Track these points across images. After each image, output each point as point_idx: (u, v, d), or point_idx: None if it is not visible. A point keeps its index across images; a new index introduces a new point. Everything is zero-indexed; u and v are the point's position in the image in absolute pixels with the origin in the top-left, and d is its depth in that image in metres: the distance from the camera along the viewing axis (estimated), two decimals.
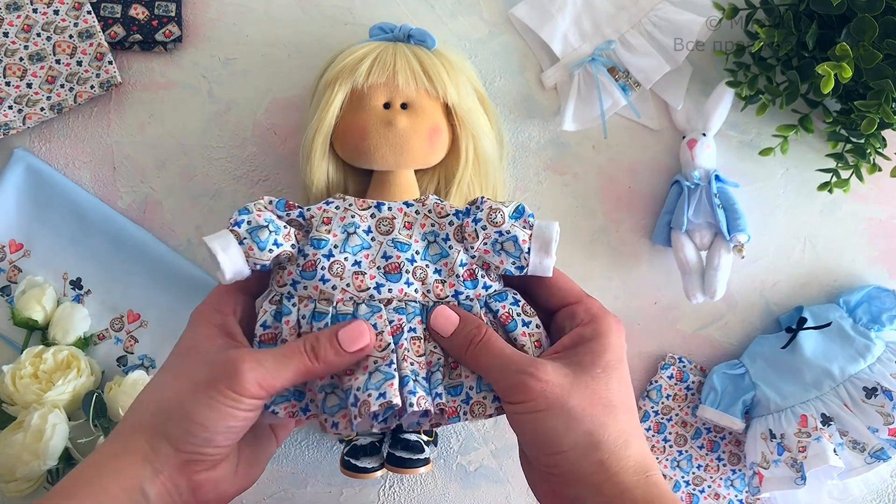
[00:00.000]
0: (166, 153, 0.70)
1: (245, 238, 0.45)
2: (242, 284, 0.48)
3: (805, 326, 0.69)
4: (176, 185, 0.71)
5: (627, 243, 0.72)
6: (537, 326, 0.48)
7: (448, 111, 0.61)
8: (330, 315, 0.46)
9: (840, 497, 0.70)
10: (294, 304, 0.46)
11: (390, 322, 0.45)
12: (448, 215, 0.49)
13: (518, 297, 0.49)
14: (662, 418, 0.72)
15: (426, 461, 0.62)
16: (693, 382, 0.72)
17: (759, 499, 0.71)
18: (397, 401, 0.42)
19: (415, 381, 0.44)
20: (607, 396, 0.42)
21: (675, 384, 0.72)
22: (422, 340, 0.46)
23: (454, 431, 0.72)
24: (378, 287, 0.46)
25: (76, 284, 0.70)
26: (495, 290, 0.48)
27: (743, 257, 0.67)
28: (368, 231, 0.48)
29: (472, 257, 0.47)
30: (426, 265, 0.47)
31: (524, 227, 0.48)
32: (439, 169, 0.64)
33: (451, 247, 0.47)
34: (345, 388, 0.45)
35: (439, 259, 0.47)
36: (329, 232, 0.47)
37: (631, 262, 0.73)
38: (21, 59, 0.66)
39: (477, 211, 0.48)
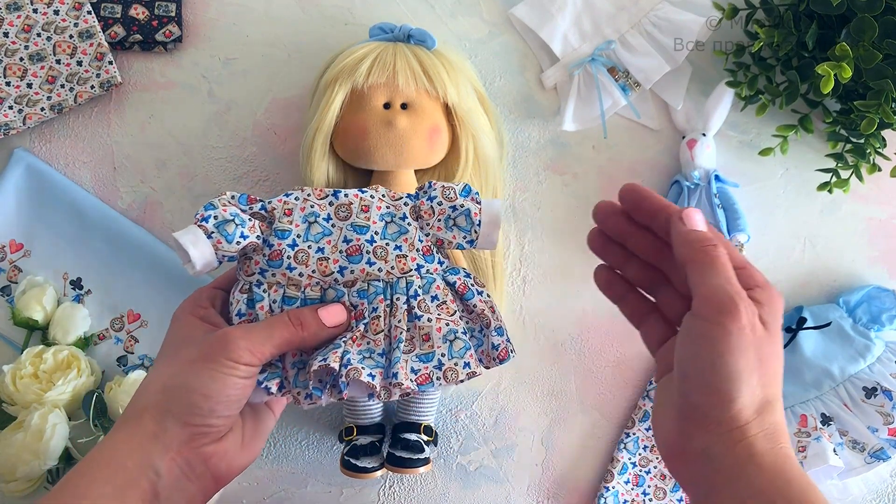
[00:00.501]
0: (166, 153, 0.70)
1: (213, 232, 0.48)
2: (220, 282, 0.52)
3: (805, 326, 0.69)
4: (176, 186, 0.71)
5: None
6: (488, 295, 0.51)
7: (448, 111, 0.61)
8: (299, 300, 0.49)
9: (840, 497, 0.70)
10: (264, 291, 0.49)
11: (354, 307, 0.49)
12: (401, 198, 0.51)
13: (467, 270, 0.52)
14: None
15: (426, 461, 0.62)
16: None
17: None
18: (335, 365, 0.46)
19: (366, 357, 0.47)
20: (771, 362, 0.41)
21: None
22: (381, 319, 0.48)
23: (454, 431, 0.72)
24: (342, 270, 0.49)
25: (76, 284, 0.70)
26: (448, 266, 0.52)
27: None
28: (328, 218, 0.50)
29: (427, 235, 0.51)
30: (386, 244, 0.50)
31: (474, 202, 0.51)
32: (439, 169, 0.64)
33: (409, 224, 0.50)
34: (307, 361, 0.48)
35: (399, 236, 0.50)
36: (291, 223, 0.49)
37: None
38: (21, 59, 0.66)
39: (430, 190, 0.51)
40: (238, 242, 0.48)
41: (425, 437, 0.64)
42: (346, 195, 0.51)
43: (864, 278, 0.73)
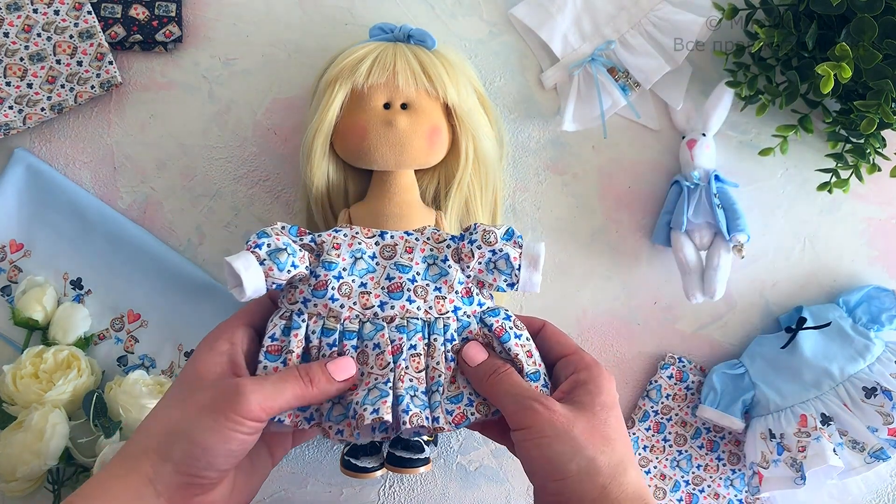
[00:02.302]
0: (167, 153, 0.71)
1: (265, 259, 0.49)
2: (248, 319, 0.52)
3: (805, 326, 0.69)
4: (176, 186, 0.71)
5: (627, 243, 0.73)
6: (527, 339, 0.52)
7: (448, 111, 0.61)
8: (338, 331, 0.50)
9: (840, 497, 0.70)
10: (304, 320, 0.50)
11: (392, 341, 0.49)
12: (444, 240, 0.53)
13: (509, 312, 0.53)
14: (662, 418, 0.72)
15: (426, 461, 0.62)
16: (693, 382, 0.72)
17: (758, 498, 0.71)
18: (388, 417, 0.46)
19: (412, 396, 0.48)
20: (606, 431, 0.46)
21: (675, 384, 0.72)
22: (421, 356, 0.49)
23: (454, 431, 0.72)
24: (382, 305, 0.50)
25: (76, 284, 0.70)
26: (489, 307, 0.53)
27: (742, 257, 0.67)
28: (373, 257, 0.52)
29: (468, 276, 0.52)
30: (426, 284, 0.51)
31: (515, 247, 0.52)
32: (439, 169, 0.64)
33: (449, 266, 0.51)
34: (347, 402, 0.49)
35: (439, 278, 0.51)
36: (339, 256, 0.51)
37: (631, 261, 0.73)
38: (21, 59, 0.66)
39: (472, 234, 0.52)
40: (289, 271, 0.49)
41: (425, 437, 0.64)
42: (392, 236, 0.52)
43: (863, 278, 0.73)
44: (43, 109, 0.67)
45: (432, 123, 0.60)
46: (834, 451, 0.63)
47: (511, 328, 0.51)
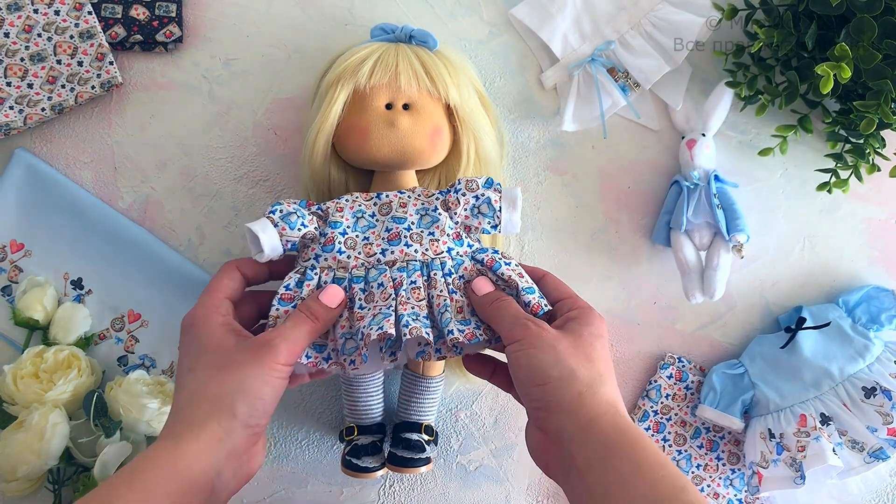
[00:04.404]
0: (167, 153, 0.71)
1: (279, 222, 0.56)
2: (227, 293, 0.56)
3: (804, 326, 0.69)
4: (177, 186, 0.71)
5: (627, 243, 0.73)
6: (517, 265, 0.57)
7: (449, 112, 0.62)
8: (347, 279, 0.56)
9: (840, 497, 0.70)
10: (316, 273, 0.56)
11: (393, 279, 0.55)
12: (433, 195, 0.58)
13: (497, 249, 0.59)
14: (661, 418, 0.72)
15: (427, 460, 0.63)
16: (692, 382, 0.72)
17: (758, 498, 0.71)
18: (391, 331, 0.51)
19: (414, 319, 0.53)
20: (588, 351, 0.51)
21: (675, 384, 0.72)
22: (421, 289, 0.55)
23: (454, 431, 0.72)
24: (383, 252, 0.56)
25: (77, 284, 0.70)
26: (478, 248, 0.59)
27: (742, 257, 0.67)
28: (373, 215, 0.58)
29: (456, 223, 0.58)
30: (421, 231, 0.57)
31: (495, 192, 0.58)
32: (440, 169, 0.64)
33: (440, 214, 0.57)
34: (356, 330, 0.54)
35: (432, 224, 0.57)
36: (343, 217, 0.57)
37: (631, 261, 0.73)
38: (22, 59, 0.67)
39: (457, 185, 0.58)
40: (300, 229, 0.56)
41: (426, 437, 0.64)
42: (387, 196, 0.58)
43: (863, 278, 0.73)
44: (43, 109, 0.67)
45: (434, 124, 0.60)
46: (833, 450, 0.63)
47: (500, 259, 0.57)
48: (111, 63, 0.68)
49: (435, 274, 0.56)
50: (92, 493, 0.45)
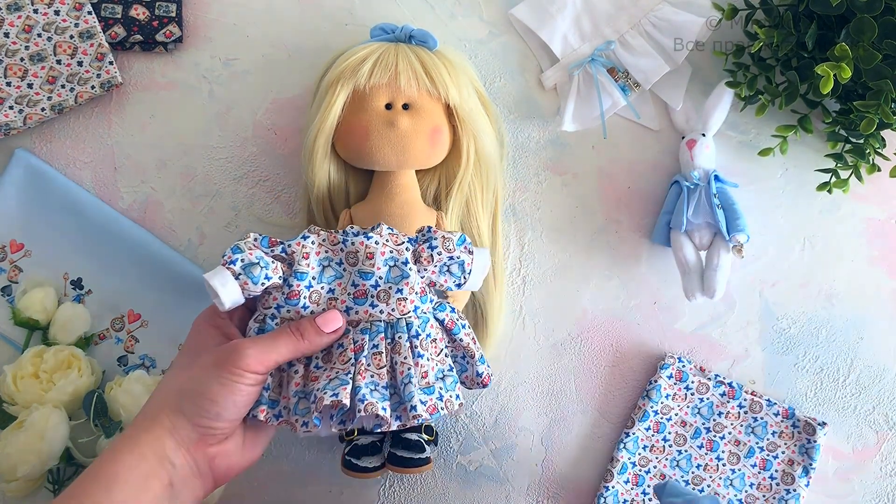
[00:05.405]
0: (167, 153, 0.71)
1: (240, 274, 0.53)
2: None
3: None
4: (177, 186, 0.71)
5: (627, 243, 0.73)
6: (469, 328, 0.58)
7: (449, 112, 0.62)
8: None
9: (840, 497, 0.70)
10: (277, 324, 0.54)
11: (354, 342, 0.53)
12: (403, 242, 0.55)
13: (449, 303, 0.57)
14: (661, 418, 0.72)
15: (427, 461, 0.63)
16: (692, 382, 0.72)
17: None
18: (346, 401, 0.50)
19: (372, 390, 0.51)
20: None
21: (675, 384, 0.72)
22: (383, 355, 0.53)
23: (454, 431, 0.72)
24: (348, 310, 0.54)
25: (77, 284, 0.70)
26: (437, 302, 0.57)
27: (742, 257, 0.67)
28: (340, 263, 0.55)
29: (423, 277, 0.55)
30: (388, 287, 0.54)
31: (468, 253, 0.56)
32: (440, 169, 0.64)
33: (410, 269, 0.54)
34: (310, 391, 0.52)
35: (401, 280, 0.54)
36: (308, 266, 0.54)
37: (630, 261, 0.73)
38: (22, 59, 0.67)
39: (431, 239, 0.55)
40: (263, 284, 0.53)
41: (426, 437, 0.64)
42: (352, 243, 0.55)
43: (863, 278, 0.73)
44: (43, 109, 0.67)
45: (434, 124, 0.60)
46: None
47: (458, 320, 0.57)
48: (111, 63, 0.68)
49: (400, 337, 0.53)
50: (78, 482, 0.48)
